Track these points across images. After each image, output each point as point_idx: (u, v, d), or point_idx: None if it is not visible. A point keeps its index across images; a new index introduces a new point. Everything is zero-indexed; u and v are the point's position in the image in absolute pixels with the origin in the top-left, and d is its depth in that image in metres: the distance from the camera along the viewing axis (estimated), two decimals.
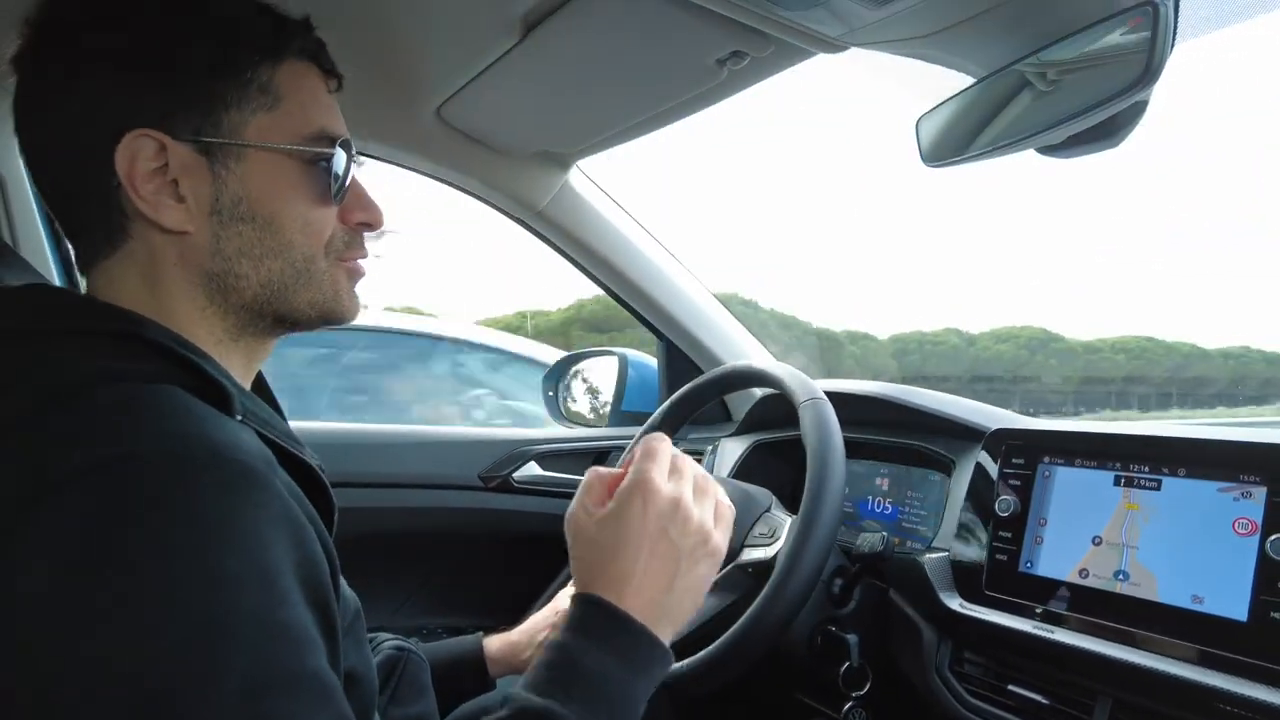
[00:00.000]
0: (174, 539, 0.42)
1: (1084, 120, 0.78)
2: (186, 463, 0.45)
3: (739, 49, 0.90)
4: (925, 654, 0.97)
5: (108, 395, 0.47)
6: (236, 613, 0.42)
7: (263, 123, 0.59)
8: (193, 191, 0.57)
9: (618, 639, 0.57)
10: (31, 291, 0.57)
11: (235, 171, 0.58)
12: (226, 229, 0.58)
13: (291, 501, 0.48)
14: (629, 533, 0.60)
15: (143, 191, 0.56)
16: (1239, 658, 0.71)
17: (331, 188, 0.61)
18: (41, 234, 1.20)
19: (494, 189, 1.39)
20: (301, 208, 0.61)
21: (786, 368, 1.04)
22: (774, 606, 0.81)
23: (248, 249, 0.59)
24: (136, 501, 0.42)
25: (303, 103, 0.61)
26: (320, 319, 0.64)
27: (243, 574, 0.43)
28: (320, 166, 0.61)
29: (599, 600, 0.58)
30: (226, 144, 0.58)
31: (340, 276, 0.64)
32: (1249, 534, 0.75)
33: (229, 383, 0.54)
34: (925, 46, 0.86)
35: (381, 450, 1.48)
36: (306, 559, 0.47)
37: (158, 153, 0.56)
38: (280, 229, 0.60)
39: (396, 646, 0.89)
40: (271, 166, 0.59)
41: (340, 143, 0.62)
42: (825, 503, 0.84)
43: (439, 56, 1.04)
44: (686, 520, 0.62)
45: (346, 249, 0.65)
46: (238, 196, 0.58)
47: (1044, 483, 0.93)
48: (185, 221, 0.57)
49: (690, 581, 0.62)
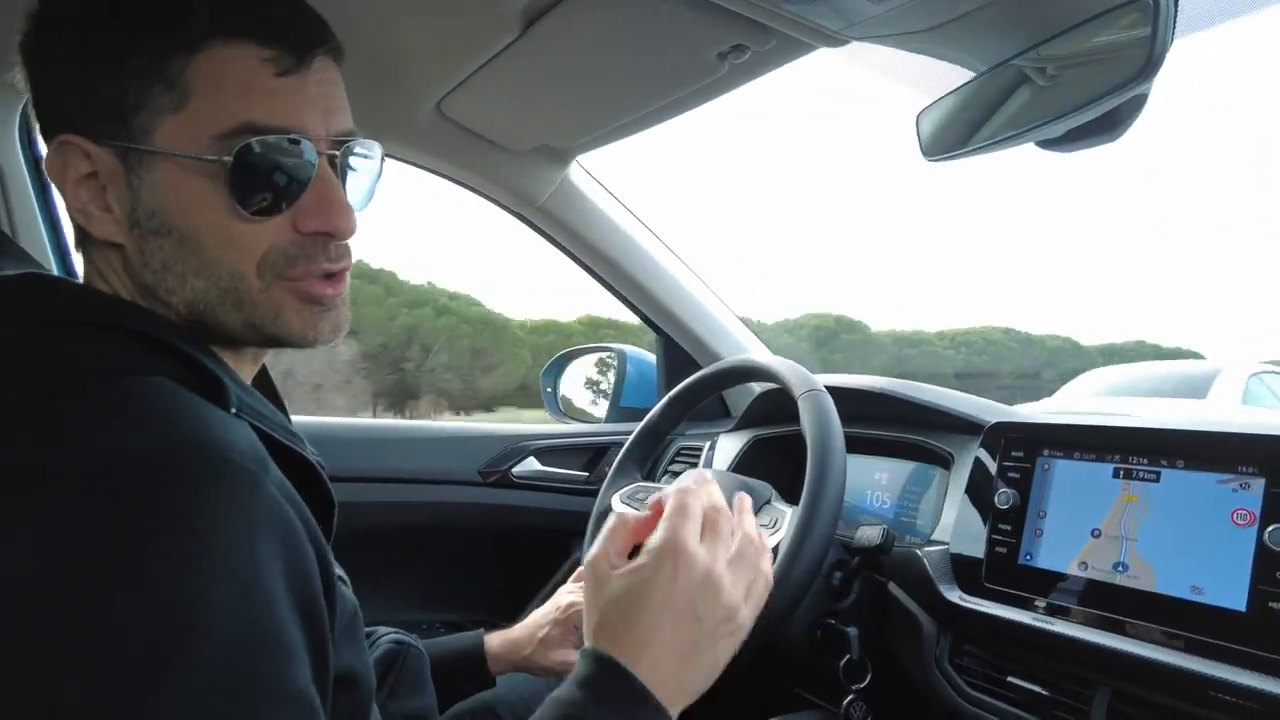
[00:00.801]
0: (157, 541, 0.41)
1: (1084, 114, 0.78)
2: (172, 459, 0.43)
3: (741, 42, 0.91)
4: (925, 647, 0.97)
5: (101, 390, 0.46)
6: (208, 614, 0.40)
7: (170, 125, 0.52)
8: (116, 201, 0.54)
9: (625, 706, 0.53)
10: (26, 282, 0.55)
11: (147, 180, 0.53)
12: (148, 242, 0.54)
13: (284, 504, 0.47)
14: (653, 599, 0.56)
15: (74, 200, 0.54)
16: (1238, 647, 0.72)
17: (254, 197, 0.53)
18: (39, 222, 1.20)
19: (494, 184, 1.39)
20: (221, 220, 0.53)
21: (784, 361, 1.04)
22: (778, 595, 0.81)
23: (170, 264, 0.54)
24: (123, 502, 0.42)
25: (220, 96, 0.52)
26: (266, 341, 0.58)
27: (221, 575, 0.41)
28: (242, 174, 0.52)
29: (611, 661, 0.54)
30: (135, 150, 0.52)
31: (283, 297, 0.56)
32: (1247, 525, 0.75)
33: (225, 375, 0.53)
34: (926, 41, 0.87)
35: (381, 445, 1.48)
36: (295, 565, 0.46)
37: (85, 158, 0.53)
38: (199, 245, 0.53)
39: (396, 640, 0.89)
40: (180, 175, 0.52)
41: (269, 140, 0.52)
42: (827, 491, 0.84)
43: (439, 51, 1.04)
44: (716, 594, 0.58)
45: (291, 265, 0.56)
46: (150, 209, 0.53)
47: (1043, 475, 0.93)
48: (115, 231, 0.54)
49: (709, 659, 0.58)
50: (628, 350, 1.73)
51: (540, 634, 0.98)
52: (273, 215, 0.54)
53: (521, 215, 1.47)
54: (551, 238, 1.50)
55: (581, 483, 1.58)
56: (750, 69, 0.98)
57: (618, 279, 1.52)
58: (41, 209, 1.20)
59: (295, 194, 0.55)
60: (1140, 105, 0.81)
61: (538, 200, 1.41)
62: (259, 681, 0.41)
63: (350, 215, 0.58)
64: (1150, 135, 3.26)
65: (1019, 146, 0.88)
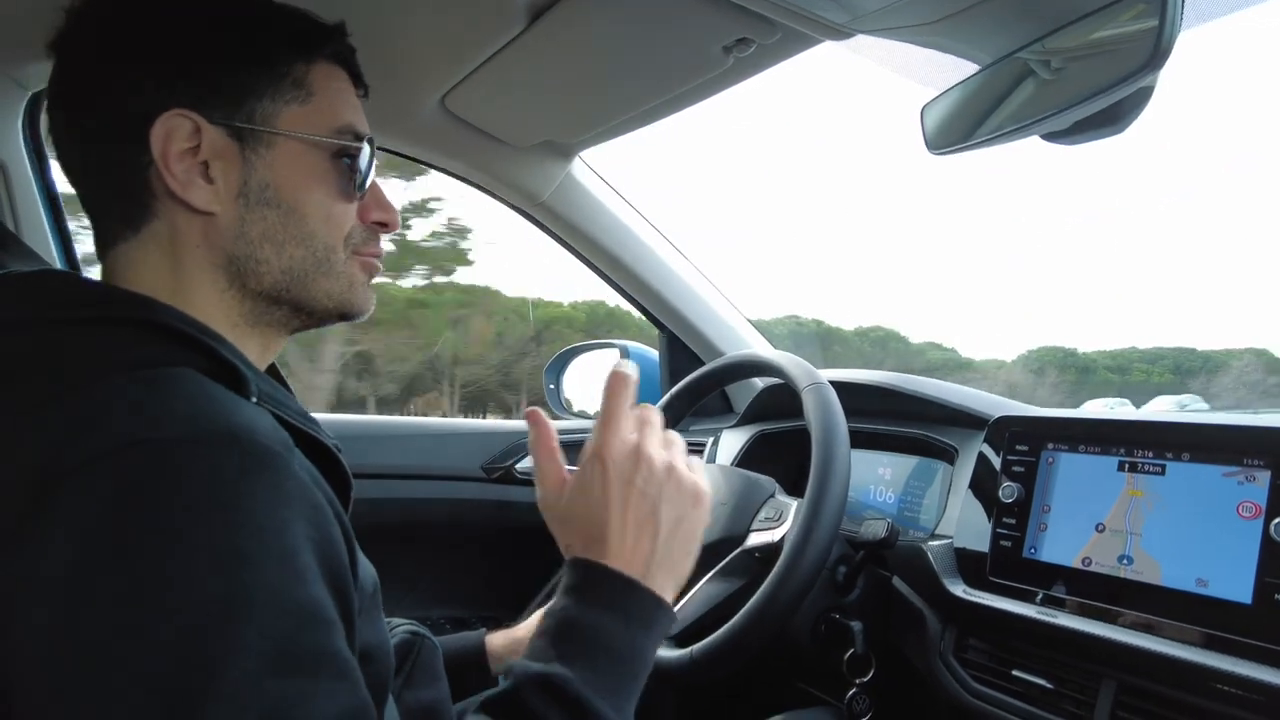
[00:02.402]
0: (191, 522, 0.42)
1: (1089, 106, 0.78)
2: (204, 445, 0.45)
3: (746, 35, 0.90)
4: (929, 640, 0.97)
5: (123, 381, 0.47)
6: (255, 593, 0.42)
7: (294, 114, 0.62)
8: (222, 174, 0.59)
9: (611, 595, 0.57)
10: (46, 278, 0.57)
11: (265, 158, 0.61)
12: (252, 213, 0.61)
13: (309, 483, 0.49)
14: (594, 495, 0.61)
15: (175, 170, 0.58)
16: (1243, 640, 0.72)
17: (355, 182, 0.64)
18: (44, 220, 1.20)
19: (497, 179, 1.39)
20: (325, 199, 0.63)
21: (787, 355, 1.04)
22: (784, 587, 0.81)
23: (271, 234, 0.61)
24: (154, 485, 0.43)
25: (332, 100, 0.63)
26: (336, 310, 0.66)
27: (261, 555, 0.43)
28: (345, 162, 0.63)
29: (586, 561, 0.59)
30: (259, 130, 0.60)
31: (356, 270, 0.66)
32: (1253, 517, 0.75)
33: (244, 365, 0.54)
34: (930, 33, 0.87)
35: (385, 441, 1.48)
36: (324, 540, 0.48)
37: (192, 134, 0.58)
38: (304, 217, 0.62)
39: (411, 631, 0.89)
40: (299, 156, 0.62)
41: (366, 141, 0.65)
42: (831, 485, 0.84)
43: (443, 46, 1.03)
44: (650, 465, 0.61)
45: (364, 244, 0.67)
46: (265, 182, 0.61)
47: (1047, 469, 0.93)
48: (213, 202, 0.59)
49: (676, 529, 0.62)
50: (631, 346, 1.73)
51: None
52: (354, 202, 0.65)
53: (525, 211, 1.46)
54: (555, 233, 1.49)
55: None
56: (755, 63, 0.97)
57: (621, 275, 1.52)
58: (45, 204, 1.19)
59: (364, 189, 0.66)
60: (1146, 97, 0.80)
61: (541, 196, 1.41)
62: (309, 651, 0.43)
63: (398, 212, 0.70)
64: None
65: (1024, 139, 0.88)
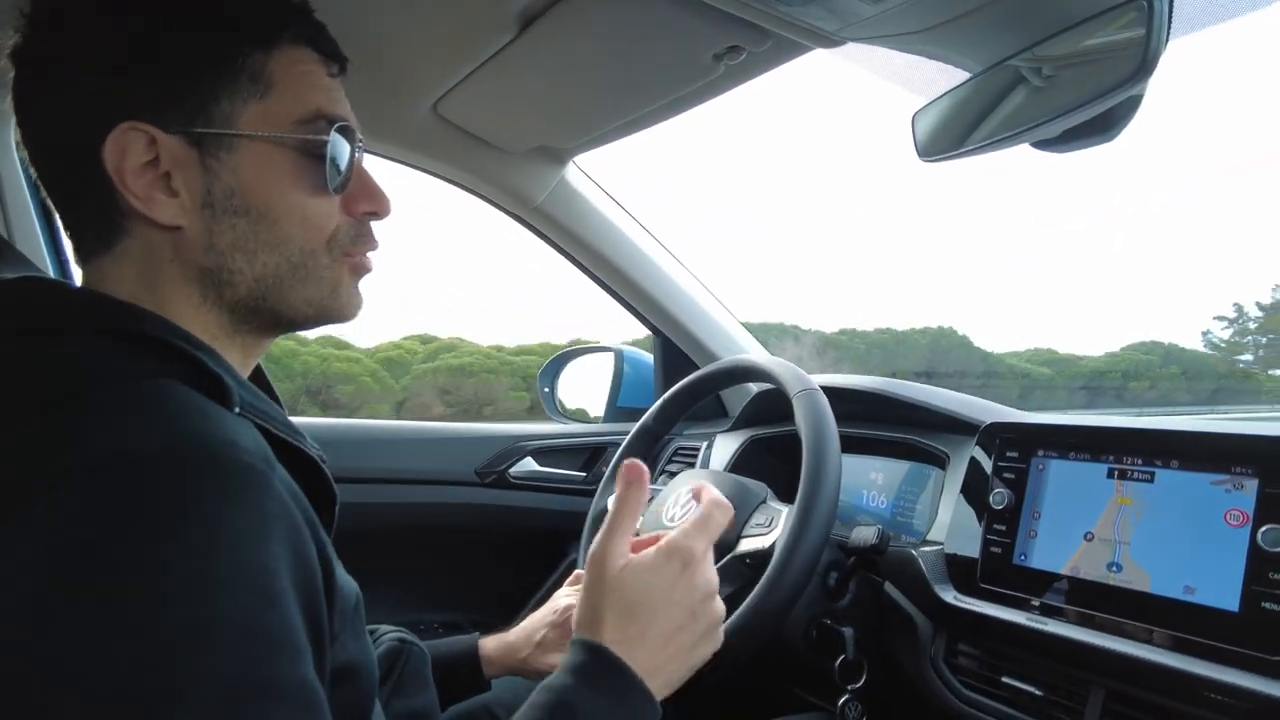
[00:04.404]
0: (164, 539, 0.41)
1: (1079, 114, 0.78)
2: (182, 461, 0.44)
3: (736, 44, 0.91)
4: (920, 647, 0.97)
5: (106, 393, 0.47)
6: (224, 619, 0.41)
7: (254, 111, 0.57)
8: (185, 185, 0.56)
9: (616, 691, 0.56)
10: (30, 286, 0.55)
11: (227, 163, 0.57)
12: (220, 222, 0.57)
13: (290, 502, 0.47)
14: (657, 592, 0.60)
15: (134, 186, 0.55)
16: (1231, 648, 0.72)
17: (329, 176, 0.59)
18: (36, 227, 1.20)
19: (491, 185, 1.39)
20: (298, 198, 0.59)
21: (780, 361, 1.04)
22: (775, 593, 0.81)
23: (241, 243, 0.58)
24: (128, 500, 0.42)
25: (296, 88, 0.58)
26: (317, 317, 0.63)
27: (233, 577, 0.42)
28: (316, 156, 0.59)
29: (603, 649, 0.57)
30: (217, 134, 0.56)
31: (342, 273, 0.63)
32: (1240, 525, 0.75)
33: (227, 375, 0.53)
34: (921, 41, 0.87)
35: (378, 446, 1.48)
36: (301, 563, 0.46)
37: (148, 146, 0.55)
38: (276, 221, 0.58)
39: (399, 639, 0.89)
40: (264, 156, 0.58)
41: (340, 127, 0.60)
42: (821, 491, 0.84)
43: (435, 52, 1.04)
44: (712, 604, 0.63)
45: (352, 243, 0.63)
46: (230, 189, 0.57)
47: (1038, 476, 0.93)
48: (179, 215, 0.56)
49: (692, 659, 0.63)
50: (625, 350, 1.73)
51: (536, 637, 0.98)
52: (336, 196, 0.61)
53: (518, 216, 1.47)
54: (549, 239, 1.50)
55: (579, 483, 1.58)
56: (746, 70, 0.98)
57: (615, 279, 1.52)
58: (39, 213, 1.20)
59: (349, 179, 0.62)
60: (1135, 105, 0.81)
61: (534, 201, 1.41)
62: (274, 680, 0.41)
63: (388, 198, 0.65)
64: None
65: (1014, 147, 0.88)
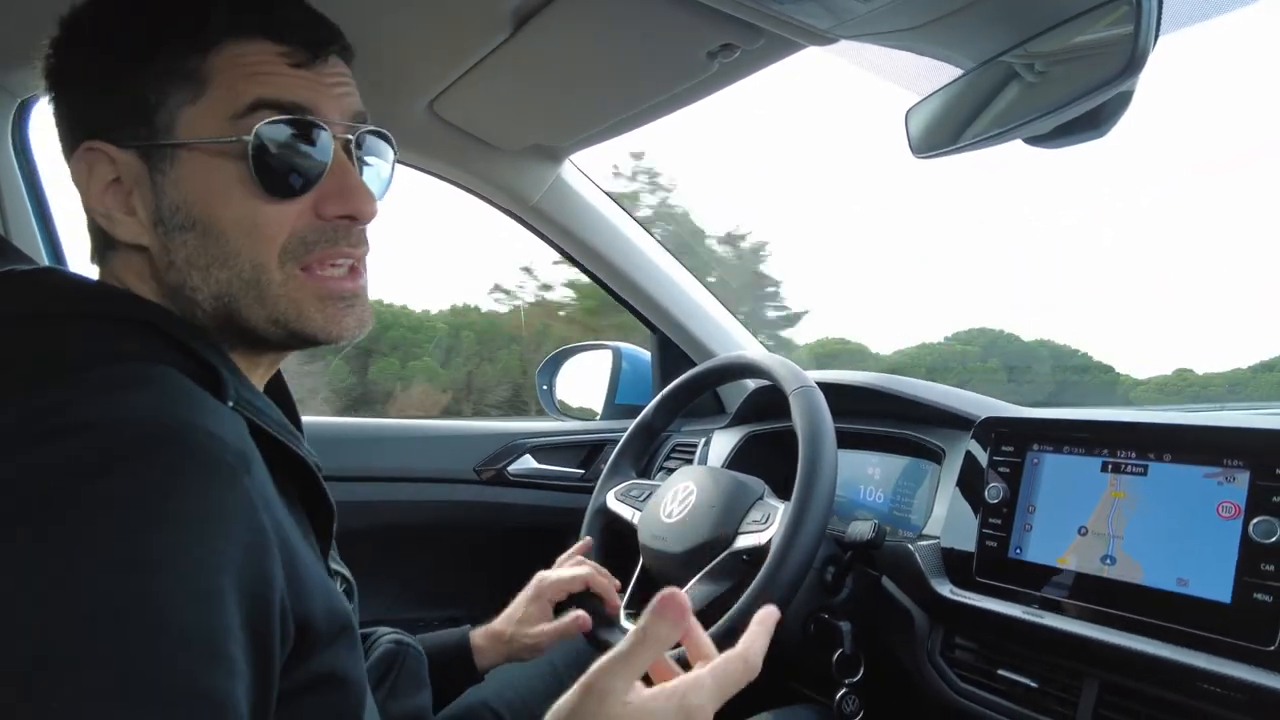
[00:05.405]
0: (104, 511, 0.39)
1: (1069, 110, 0.78)
2: (146, 437, 0.42)
3: (730, 42, 0.91)
4: (917, 640, 0.98)
5: (98, 372, 0.46)
6: (141, 600, 0.38)
7: (189, 116, 0.53)
8: (140, 202, 0.54)
9: None
10: (43, 275, 0.55)
11: (170, 176, 0.54)
12: (172, 239, 0.54)
13: (257, 508, 0.45)
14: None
15: (99, 205, 0.54)
16: (1223, 638, 0.73)
17: (282, 175, 0.54)
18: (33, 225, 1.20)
19: (488, 183, 1.39)
20: (244, 207, 0.54)
21: (777, 358, 1.05)
22: (770, 590, 0.82)
23: (194, 259, 0.54)
24: (79, 467, 0.40)
25: (233, 81, 0.53)
26: (291, 338, 0.57)
27: (162, 561, 0.39)
28: (259, 157, 0.53)
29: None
30: (161, 146, 0.53)
31: (303, 294, 0.56)
32: (1232, 517, 0.76)
33: (224, 368, 0.53)
34: (914, 39, 0.87)
35: (376, 444, 1.48)
36: (254, 570, 0.43)
37: (110, 164, 0.54)
38: (222, 235, 0.54)
39: (395, 641, 0.89)
40: (203, 164, 0.53)
41: (291, 119, 0.54)
42: (818, 486, 0.85)
43: (431, 51, 1.04)
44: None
45: (310, 250, 0.56)
46: (174, 203, 0.54)
47: (1033, 470, 0.94)
48: (140, 234, 0.55)
49: None
50: (623, 347, 1.74)
51: (517, 615, 1.00)
52: (292, 198, 0.55)
53: (515, 214, 1.47)
54: (545, 236, 1.50)
55: (577, 480, 1.58)
56: (740, 68, 0.98)
57: (612, 276, 1.53)
58: (35, 211, 1.20)
59: (314, 176, 0.55)
60: (1126, 101, 0.81)
61: (531, 199, 1.41)
62: (174, 681, 0.37)
63: (371, 199, 0.58)
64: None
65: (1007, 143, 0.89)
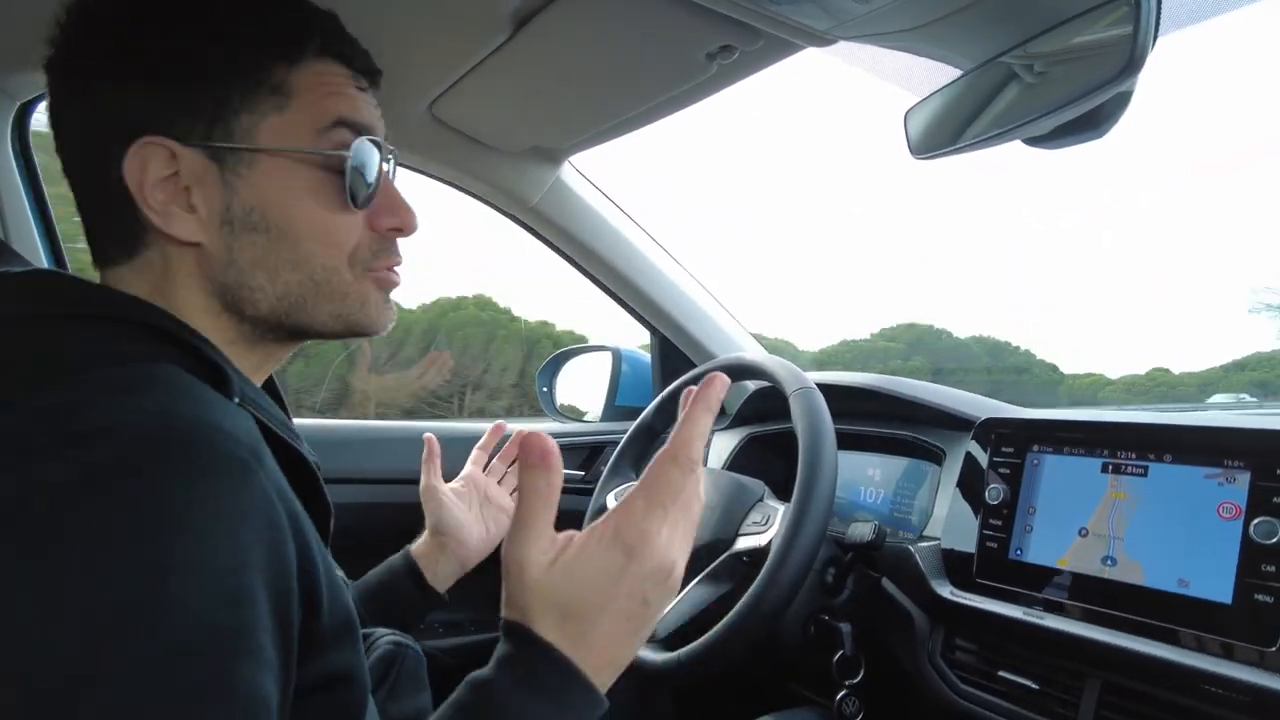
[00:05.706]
0: (125, 515, 0.39)
1: (1068, 111, 0.78)
2: (159, 438, 0.42)
3: (729, 43, 0.91)
4: (917, 642, 0.98)
5: (100, 373, 0.46)
6: (176, 603, 0.37)
7: (273, 124, 0.56)
8: (204, 200, 0.55)
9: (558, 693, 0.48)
10: (41, 277, 0.55)
11: (246, 178, 0.56)
12: (239, 239, 0.56)
13: (273, 499, 0.45)
14: (599, 590, 0.50)
15: (153, 201, 0.54)
16: (1224, 639, 0.73)
17: (348, 191, 0.58)
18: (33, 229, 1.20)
19: (487, 185, 1.39)
20: (319, 215, 0.57)
21: (776, 359, 1.05)
22: (770, 592, 0.81)
23: (262, 260, 0.57)
24: (97, 474, 0.39)
25: (318, 97, 0.57)
26: (346, 331, 0.62)
27: (192, 563, 0.39)
28: (337, 170, 0.57)
29: (538, 642, 0.49)
30: (236, 149, 0.55)
31: (368, 288, 0.61)
32: (1233, 518, 0.76)
33: (228, 366, 0.53)
34: (913, 40, 0.87)
35: (373, 446, 1.48)
36: (277, 564, 0.44)
37: (168, 160, 0.54)
38: (296, 239, 0.57)
39: (394, 642, 0.89)
40: (284, 171, 0.56)
41: (364, 138, 0.58)
42: (818, 487, 0.85)
43: (430, 53, 1.04)
44: (669, 582, 0.51)
45: (375, 258, 0.61)
46: (249, 205, 0.56)
47: (1033, 471, 0.94)
48: (198, 232, 0.56)
49: (645, 635, 0.53)
50: (623, 349, 1.74)
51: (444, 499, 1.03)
52: (359, 210, 0.59)
53: (515, 216, 1.47)
54: (545, 238, 1.50)
55: (577, 482, 1.58)
56: (739, 69, 0.98)
57: (612, 279, 1.53)
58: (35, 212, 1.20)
59: (374, 192, 0.60)
60: (1125, 102, 0.81)
61: (530, 201, 1.41)
62: (219, 679, 0.38)
63: (414, 214, 0.63)
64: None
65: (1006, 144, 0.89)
